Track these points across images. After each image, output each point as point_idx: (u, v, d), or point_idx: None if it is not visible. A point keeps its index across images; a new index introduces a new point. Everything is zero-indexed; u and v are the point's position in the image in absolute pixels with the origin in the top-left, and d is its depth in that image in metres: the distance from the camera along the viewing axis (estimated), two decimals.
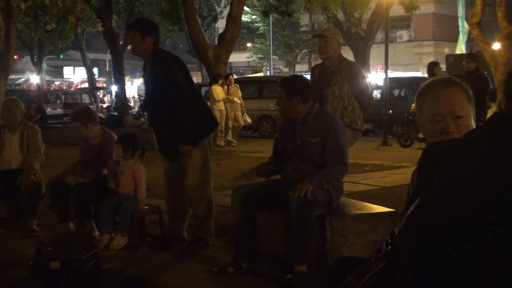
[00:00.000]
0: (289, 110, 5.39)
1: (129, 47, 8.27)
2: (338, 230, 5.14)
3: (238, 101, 18.05)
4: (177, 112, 5.98)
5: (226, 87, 17.80)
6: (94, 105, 35.38)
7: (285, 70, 48.39)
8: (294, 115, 5.38)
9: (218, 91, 17.35)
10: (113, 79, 37.58)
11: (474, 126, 2.56)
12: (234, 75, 20.74)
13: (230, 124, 17.94)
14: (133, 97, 48.73)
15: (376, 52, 33.31)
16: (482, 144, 1.44)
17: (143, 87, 53.98)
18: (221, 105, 17.31)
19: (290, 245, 4.99)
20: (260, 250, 5.41)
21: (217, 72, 18.36)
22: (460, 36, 33.20)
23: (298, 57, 48.84)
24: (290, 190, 5.03)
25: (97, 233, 6.48)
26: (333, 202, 5.26)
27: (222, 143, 17.40)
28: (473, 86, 11.82)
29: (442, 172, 1.48)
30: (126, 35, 31.56)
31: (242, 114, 18.26)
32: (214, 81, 17.59)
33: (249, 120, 18.51)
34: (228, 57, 19.54)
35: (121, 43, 30.13)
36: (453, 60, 24.37)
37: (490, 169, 1.38)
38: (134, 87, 54.47)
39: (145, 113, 14.96)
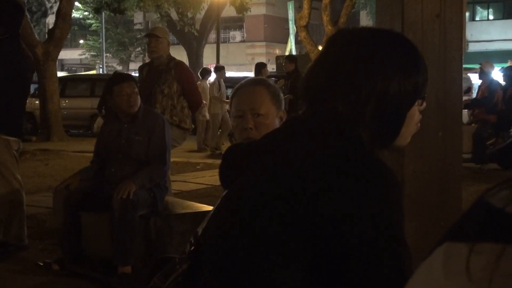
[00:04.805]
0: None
1: None
2: (162, 230, 5.16)
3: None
4: None
5: (217, 82, 15.56)
6: None
7: (119, 68, 47.65)
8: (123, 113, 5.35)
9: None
10: None
11: (277, 125, 2.66)
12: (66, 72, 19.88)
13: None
14: None
15: (209, 52, 33.68)
16: (274, 146, 1.50)
17: None
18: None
19: (114, 246, 4.94)
20: (86, 251, 5.31)
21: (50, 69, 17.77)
22: (290, 38, 34.29)
23: (132, 55, 48.27)
24: (113, 190, 4.98)
25: None
26: (158, 202, 5.27)
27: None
28: (293, 86, 12.25)
29: (240, 174, 1.52)
30: None
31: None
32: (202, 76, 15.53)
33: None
34: (57, 54, 18.96)
35: None
36: (283, 61, 25.11)
37: (276, 170, 1.44)
38: None
39: None
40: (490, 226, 0.69)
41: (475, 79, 17.81)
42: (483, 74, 12.04)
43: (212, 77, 16.73)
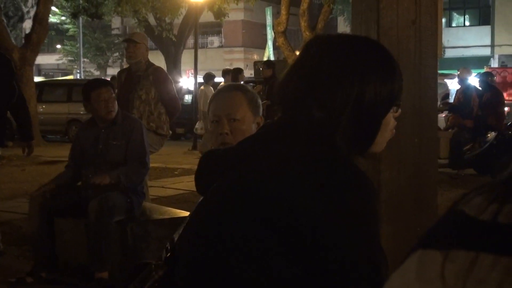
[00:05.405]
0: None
1: None
2: (139, 236, 5.13)
3: None
4: None
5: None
6: None
7: (96, 73, 47.39)
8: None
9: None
10: None
11: (253, 131, 2.66)
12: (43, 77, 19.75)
13: None
14: None
15: (187, 57, 33.55)
16: (250, 152, 1.50)
17: None
18: None
19: (90, 252, 4.91)
20: (61, 258, 5.26)
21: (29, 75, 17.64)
22: (268, 43, 34.33)
23: (110, 60, 48.03)
24: (90, 196, 4.95)
25: None
26: (135, 208, 5.24)
27: None
28: (270, 92, 12.24)
29: (216, 180, 1.52)
30: None
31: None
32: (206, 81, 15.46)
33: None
34: (34, 59, 18.84)
35: None
36: (261, 66, 25.12)
37: (253, 177, 1.44)
38: None
39: None
40: (464, 234, 0.69)
41: (452, 85, 17.96)
42: (461, 80, 12.18)
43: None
